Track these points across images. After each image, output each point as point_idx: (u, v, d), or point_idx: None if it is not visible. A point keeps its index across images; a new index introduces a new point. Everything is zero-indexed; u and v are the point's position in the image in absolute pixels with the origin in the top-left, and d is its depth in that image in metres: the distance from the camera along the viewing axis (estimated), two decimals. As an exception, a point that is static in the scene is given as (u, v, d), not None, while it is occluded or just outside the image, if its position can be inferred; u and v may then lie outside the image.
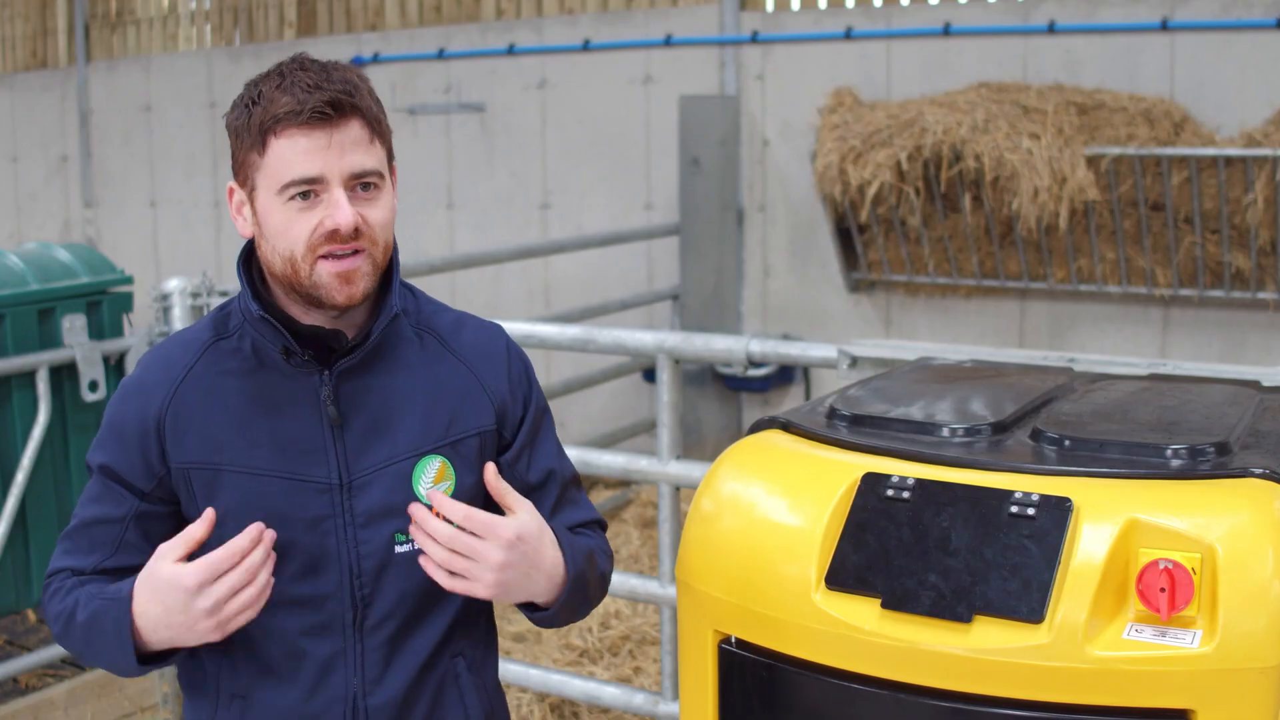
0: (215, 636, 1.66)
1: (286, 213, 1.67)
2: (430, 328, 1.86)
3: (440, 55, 7.63)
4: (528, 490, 1.87)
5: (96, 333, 4.39)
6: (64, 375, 4.31)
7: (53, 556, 1.83)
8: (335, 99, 1.65)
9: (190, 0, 8.98)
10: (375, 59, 7.88)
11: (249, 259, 1.79)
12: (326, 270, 1.68)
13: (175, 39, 9.02)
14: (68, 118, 9.49)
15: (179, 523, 1.77)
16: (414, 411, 1.79)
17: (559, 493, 1.90)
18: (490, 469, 1.77)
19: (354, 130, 1.68)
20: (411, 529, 1.72)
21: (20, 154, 9.82)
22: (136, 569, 1.75)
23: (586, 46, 7.14)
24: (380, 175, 1.72)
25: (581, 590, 1.82)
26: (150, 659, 1.72)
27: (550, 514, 1.88)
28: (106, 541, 1.78)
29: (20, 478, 4.13)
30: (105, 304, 4.44)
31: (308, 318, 1.76)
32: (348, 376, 1.76)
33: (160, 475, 1.75)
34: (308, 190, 1.66)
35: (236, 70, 8.56)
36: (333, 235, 1.67)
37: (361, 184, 1.69)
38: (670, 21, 6.95)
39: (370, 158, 1.70)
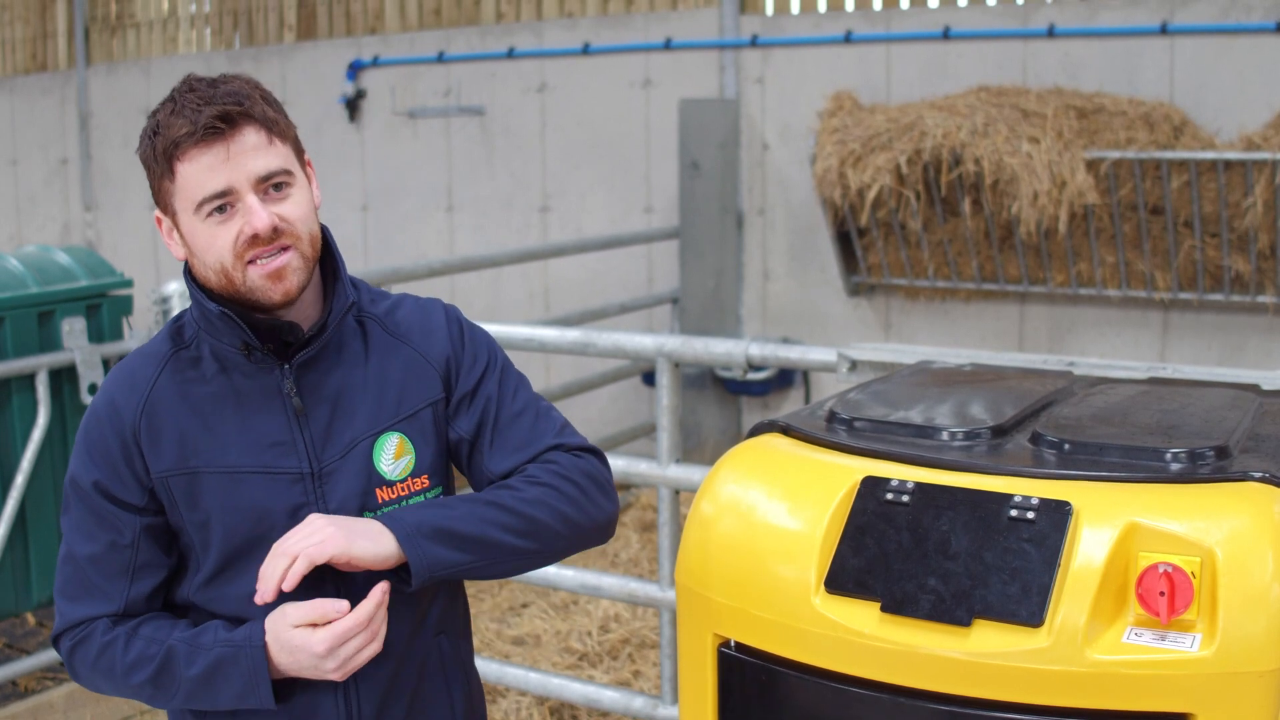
0: (337, 679, 1.75)
1: (208, 228, 1.73)
2: (371, 314, 1.92)
3: (440, 58, 7.63)
4: (470, 440, 1.89)
5: (96, 336, 4.39)
6: (64, 378, 4.31)
7: (59, 603, 1.83)
8: (223, 112, 1.71)
9: (190, 3, 8.99)
10: (375, 62, 7.88)
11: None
12: (256, 273, 1.74)
13: (175, 42, 9.03)
14: (68, 120, 9.49)
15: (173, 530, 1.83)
16: (368, 395, 1.85)
17: (493, 435, 1.89)
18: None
19: (250, 137, 1.73)
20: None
21: (20, 157, 9.82)
22: (159, 589, 1.83)
23: (586, 50, 7.15)
24: (288, 173, 1.76)
25: (441, 535, 1.75)
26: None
27: (491, 458, 1.88)
28: (119, 571, 1.80)
29: (20, 480, 4.14)
30: (105, 307, 4.44)
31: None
32: (306, 368, 1.82)
33: (149, 487, 1.79)
34: (222, 204, 1.72)
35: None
36: (254, 240, 1.72)
37: (272, 185, 1.75)
38: (670, 25, 6.96)
39: (273, 158, 1.74)
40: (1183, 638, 1.59)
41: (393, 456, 1.84)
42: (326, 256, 1.85)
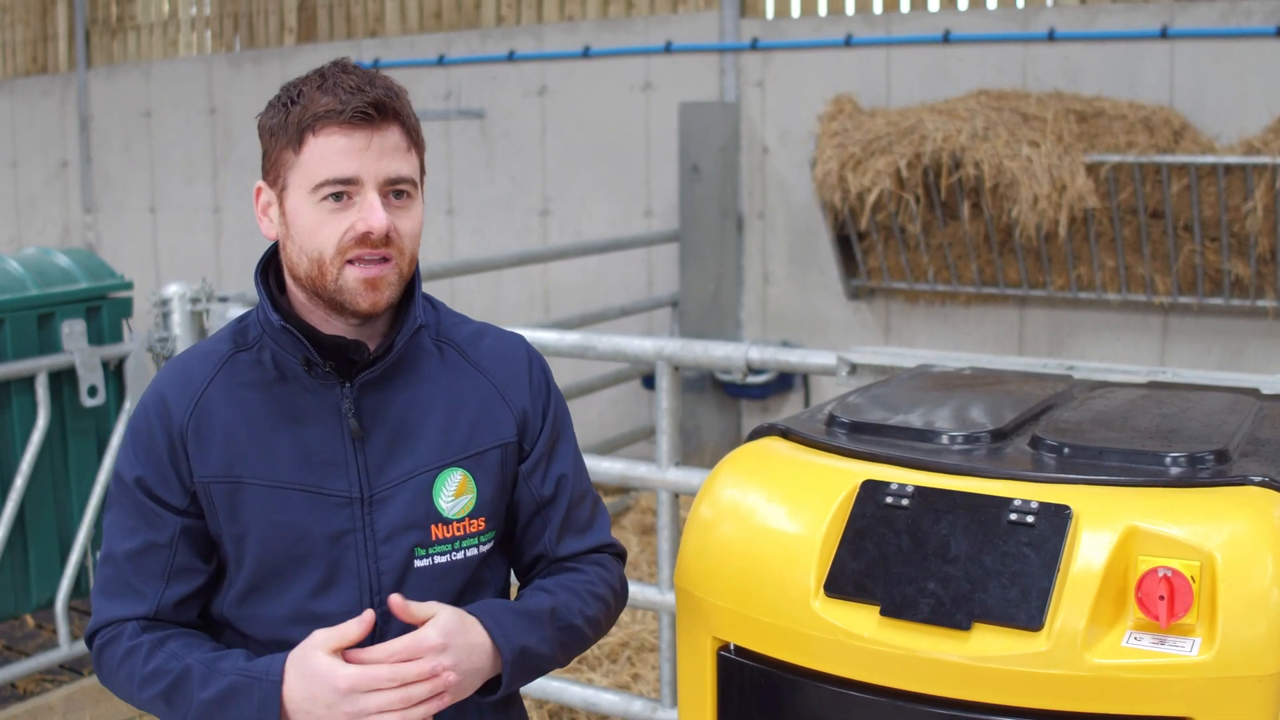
0: None
1: (318, 213, 1.65)
2: (450, 340, 1.84)
3: (440, 61, 7.63)
4: (540, 504, 1.85)
5: (96, 338, 4.39)
6: (63, 380, 4.31)
7: (95, 602, 1.76)
8: (379, 101, 1.65)
9: (191, 6, 8.99)
10: (375, 65, 7.88)
11: (266, 269, 1.78)
12: (354, 275, 1.66)
13: (175, 45, 9.03)
14: (68, 123, 9.49)
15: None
16: (435, 424, 1.76)
17: (565, 512, 1.86)
18: (395, 600, 1.66)
19: (394, 136, 1.68)
20: (356, 699, 1.60)
21: (20, 159, 9.83)
22: (195, 596, 1.74)
23: (586, 53, 7.15)
24: (414, 184, 1.71)
25: (530, 662, 1.73)
26: None
27: (556, 536, 1.86)
28: (156, 572, 1.72)
29: (19, 482, 4.13)
30: (105, 309, 4.44)
31: (328, 327, 1.73)
32: (369, 389, 1.74)
33: (192, 490, 1.72)
34: (341, 191, 1.64)
35: (237, 76, 8.56)
36: (364, 239, 1.65)
37: (395, 191, 1.68)
38: (670, 28, 6.96)
39: (406, 165, 1.69)
40: (1182, 642, 1.59)
41: (454, 494, 1.75)
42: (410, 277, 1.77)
